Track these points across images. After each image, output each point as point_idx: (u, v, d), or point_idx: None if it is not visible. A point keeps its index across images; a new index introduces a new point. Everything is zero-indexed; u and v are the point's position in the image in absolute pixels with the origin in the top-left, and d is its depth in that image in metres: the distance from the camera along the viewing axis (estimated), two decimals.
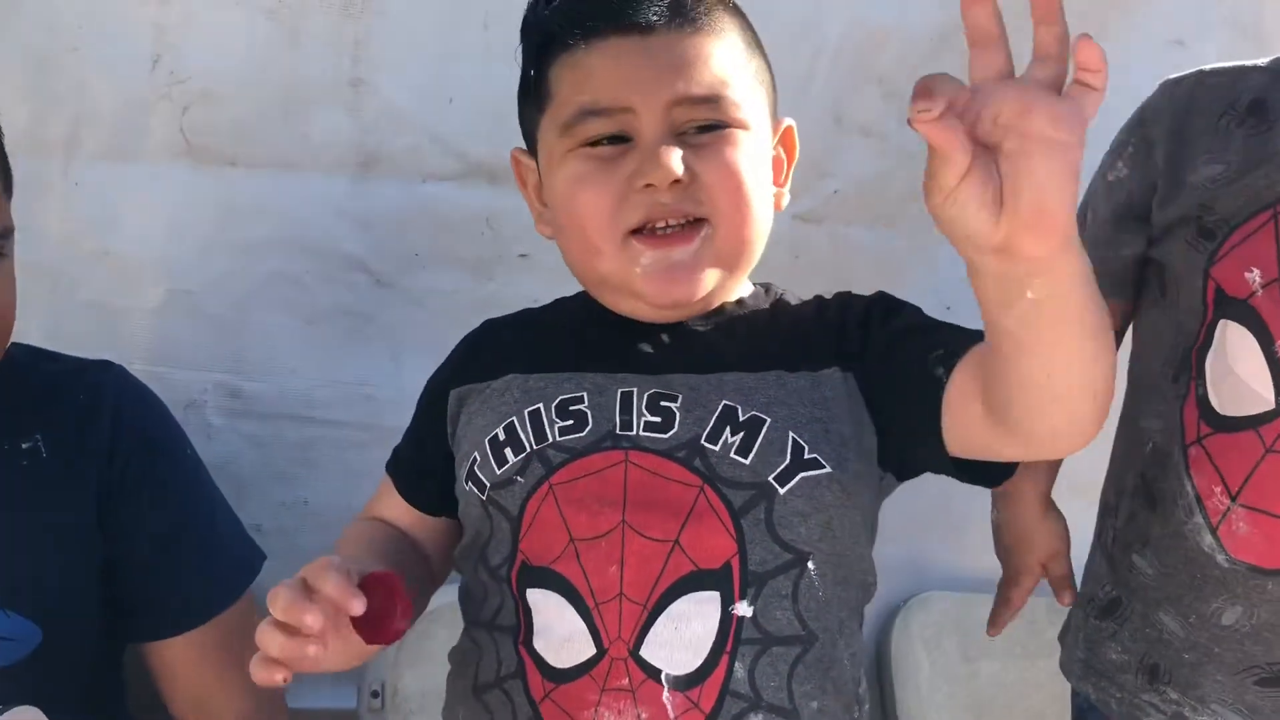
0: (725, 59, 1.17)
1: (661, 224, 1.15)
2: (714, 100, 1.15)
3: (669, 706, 1.10)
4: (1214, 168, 1.26)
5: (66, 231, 1.63)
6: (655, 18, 1.15)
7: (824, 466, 1.13)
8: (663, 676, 1.10)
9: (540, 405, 1.17)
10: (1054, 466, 1.47)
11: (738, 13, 1.21)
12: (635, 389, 1.17)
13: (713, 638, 1.10)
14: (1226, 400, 1.23)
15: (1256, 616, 1.23)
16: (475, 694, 1.17)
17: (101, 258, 1.64)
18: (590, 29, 1.17)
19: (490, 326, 1.31)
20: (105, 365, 1.40)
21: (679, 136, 1.15)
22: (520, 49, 1.22)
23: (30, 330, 1.43)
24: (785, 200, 1.26)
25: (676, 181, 1.13)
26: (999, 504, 1.48)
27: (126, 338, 1.63)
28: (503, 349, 1.25)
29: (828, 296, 1.28)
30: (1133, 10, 1.73)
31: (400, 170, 1.66)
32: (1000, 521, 1.48)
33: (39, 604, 1.29)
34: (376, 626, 1.05)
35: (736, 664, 1.10)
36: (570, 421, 1.16)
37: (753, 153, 1.17)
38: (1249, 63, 1.30)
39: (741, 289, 1.26)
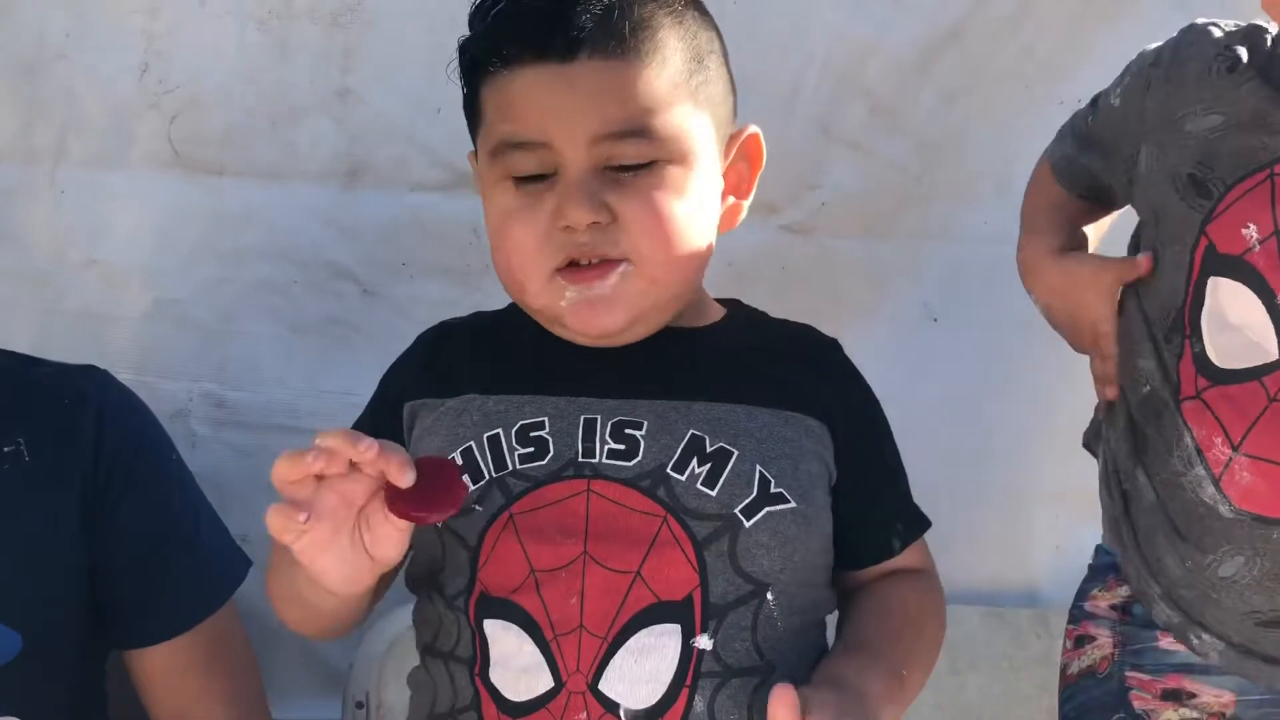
0: (656, 86, 1.12)
1: (584, 260, 1.13)
2: (639, 134, 1.11)
3: None
4: (1211, 118, 1.27)
5: (53, 239, 1.62)
6: (576, 45, 1.10)
7: (789, 501, 1.13)
8: (621, 711, 1.09)
9: (500, 430, 1.15)
10: (1064, 228, 1.45)
11: (682, 21, 1.15)
12: (599, 415, 1.15)
13: (673, 671, 1.09)
14: (1225, 354, 1.24)
15: (1259, 566, 1.23)
16: None
17: (88, 266, 1.64)
18: (509, 57, 1.12)
19: (446, 331, 1.28)
20: (90, 370, 1.40)
21: (605, 170, 1.11)
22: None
23: (17, 338, 1.43)
24: (743, 214, 1.23)
25: (595, 222, 1.10)
26: (1029, 280, 1.46)
27: (113, 346, 1.63)
28: (460, 363, 1.22)
29: (802, 329, 1.27)
30: (1118, 25, 1.74)
31: (388, 180, 1.66)
32: (1039, 299, 1.45)
33: (19, 610, 1.28)
34: (424, 502, 1.00)
35: (696, 697, 1.10)
36: (531, 449, 1.14)
37: (684, 186, 1.13)
38: (1263, 23, 1.30)
39: (707, 311, 1.25)
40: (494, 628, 1.12)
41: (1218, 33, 1.31)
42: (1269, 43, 1.28)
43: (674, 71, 1.13)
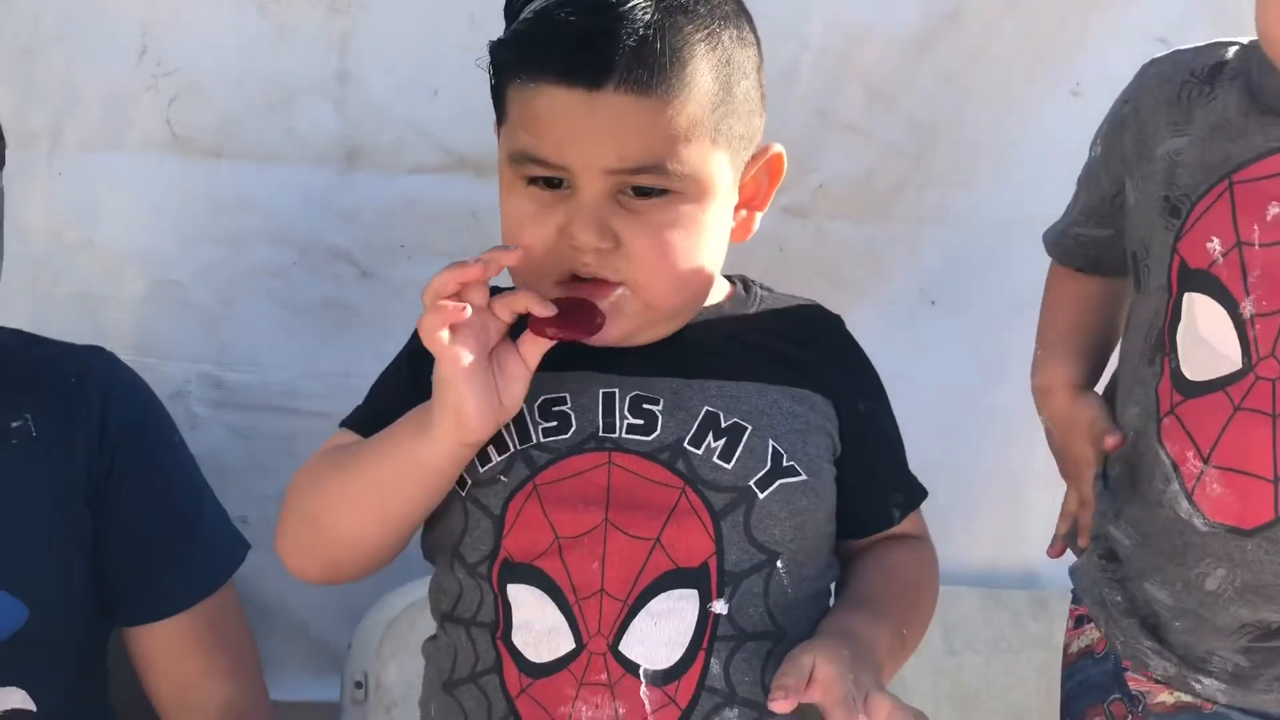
0: (677, 124, 1.11)
1: (585, 276, 1.15)
2: (653, 171, 1.11)
3: (646, 701, 1.11)
4: (1178, 140, 1.28)
5: (50, 222, 1.62)
6: (604, 75, 1.09)
7: (800, 474, 1.17)
8: (641, 671, 1.12)
9: (524, 404, 1.17)
10: (1081, 353, 1.46)
11: (716, 47, 1.13)
12: (616, 390, 1.18)
13: (690, 634, 1.12)
14: (1196, 367, 1.25)
15: (1238, 578, 1.24)
16: (447, 689, 1.18)
17: (86, 248, 1.64)
18: (536, 73, 1.12)
19: None
20: (95, 350, 1.41)
21: (619, 195, 1.12)
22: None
23: (14, 320, 1.43)
24: (756, 224, 1.25)
25: (599, 247, 1.12)
26: (1040, 401, 1.48)
27: (111, 328, 1.63)
28: None
29: (807, 306, 1.29)
30: (1115, 8, 1.74)
31: (385, 163, 1.66)
32: (1046, 421, 1.48)
33: (25, 582, 1.30)
34: (570, 324, 1.11)
35: (712, 660, 1.12)
36: (554, 423, 1.17)
37: (695, 220, 1.14)
38: (1227, 39, 1.32)
39: (718, 287, 1.26)
40: (517, 592, 1.14)
41: (1183, 58, 1.33)
42: (1232, 56, 1.30)
43: (698, 108, 1.12)
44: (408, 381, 1.23)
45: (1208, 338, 1.24)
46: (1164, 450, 1.27)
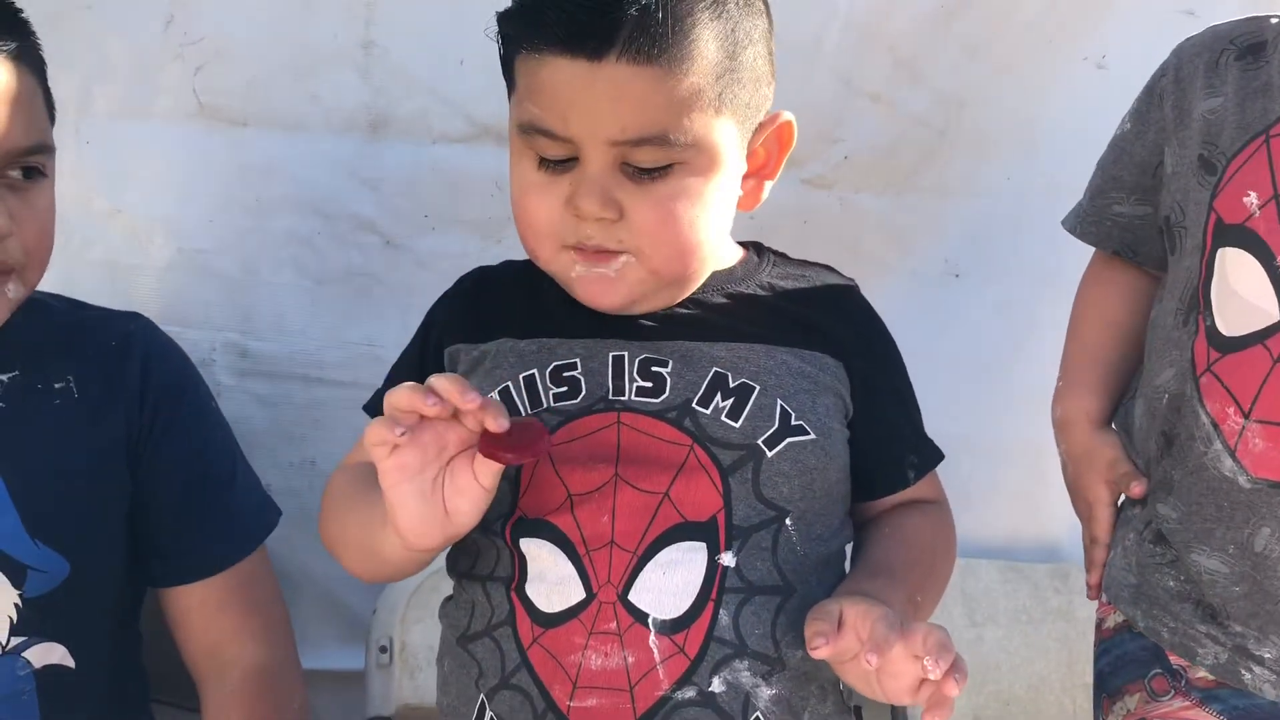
0: (680, 94, 1.10)
1: (590, 245, 1.15)
2: (656, 142, 1.11)
3: (655, 650, 1.13)
4: (1213, 100, 1.28)
5: (78, 190, 1.62)
6: (607, 46, 1.08)
7: (809, 433, 1.18)
8: (650, 620, 1.13)
9: (535, 371, 1.19)
10: (1104, 387, 1.46)
11: (721, 14, 1.12)
12: (626, 353, 1.19)
13: (699, 585, 1.14)
14: (1232, 322, 1.25)
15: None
16: (462, 644, 1.20)
17: (113, 216, 1.65)
18: (540, 44, 1.12)
19: (482, 277, 1.31)
20: (135, 316, 1.44)
21: (623, 166, 1.12)
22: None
23: (42, 287, 1.44)
24: (765, 193, 1.24)
25: (603, 217, 1.12)
26: (1059, 435, 1.48)
27: (137, 296, 1.64)
28: (495, 308, 1.26)
29: (819, 271, 1.30)
30: None
31: (411, 132, 1.67)
32: (1062, 455, 1.48)
33: (68, 537, 1.32)
34: (512, 447, 1.07)
35: (721, 611, 1.14)
36: (565, 388, 1.18)
37: (699, 190, 1.14)
38: (1264, 14, 1.31)
39: (731, 253, 1.26)
40: (529, 545, 1.16)
41: (1221, 31, 1.33)
42: (1273, 29, 1.29)
43: (701, 78, 1.11)
44: (418, 372, 1.24)
45: (1243, 292, 1.23)
46: (1204, 410, 1.26)
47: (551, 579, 1.15)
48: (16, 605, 1.29)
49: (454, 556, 1.24)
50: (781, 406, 1.17)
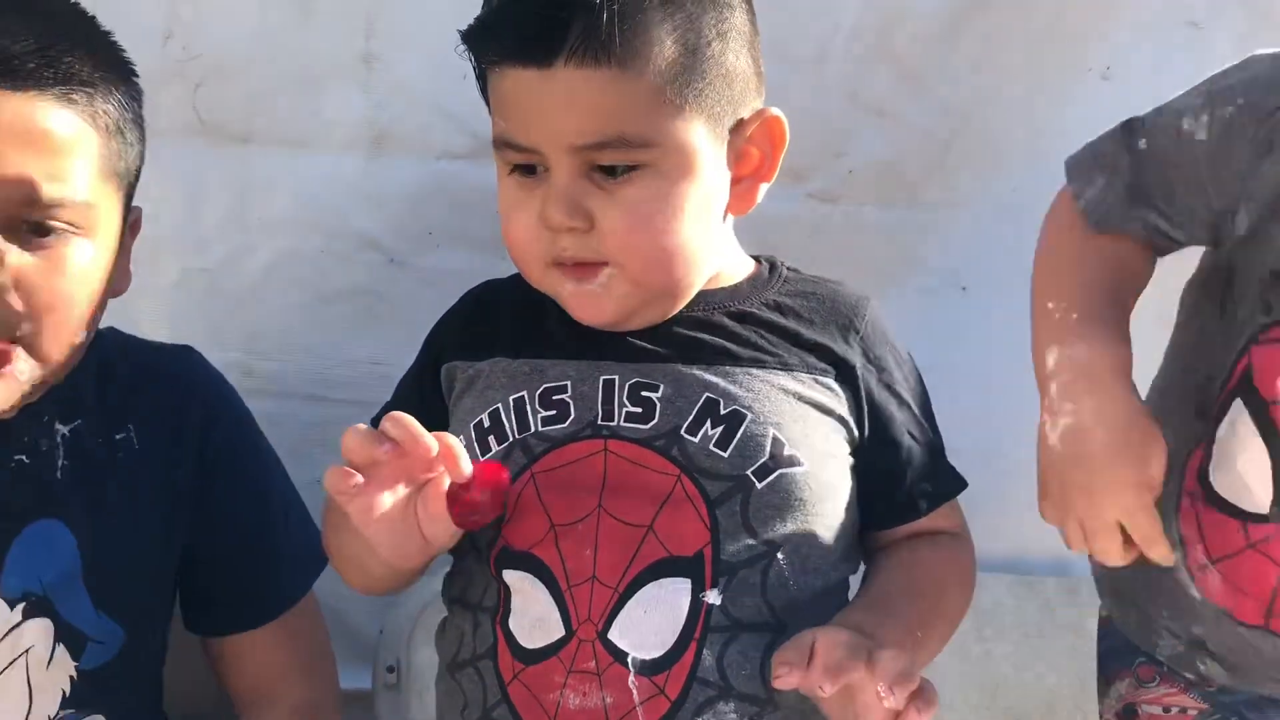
0: (636, 94, 1.09)
1: (566, 258, 1.15)
2: (617, 145, 1.10)
3: (634, 691, 1.10)
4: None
5: None
6: (554, 52, 1.08)
7: (802, 465, 1.14)
8: (629, 660, 1.10)
9: (525, 393, 1.18)
10: (1126, 337, 1.19)
11: (676, 12, 1.11)
12: (617, 377, 1.17)
13: (681, 623, 1.11)
14: (1224, 484, 1.19)
15: (1225, 646, 1.22)
16: (451, 671, 1.19)
17: None
18: (497, 57, 1.13)
19: (486, 291, 1.31)
20: (186, 351, 1.37)
21: (592, 173, 1.11)
22: None
23: None
24: (760, 195, 1.22)
25: (573, 228, 1.12)
26: (1070, 384, 1.19)
27: (141, 315, 1.61)
28: (494, 325, 1.25)
29: (832, 287, 1.27)
30: None
31: (413, 148, 1.65)
32: (1067, 417, 1.19)
33: (129, 606, 1.26)
34: (474, 505, 1.09)
35: (705, 651, 1.10)
36: (553, 411, 1.17)
37: (671, 191, 1.12)
38: None
39: (739, 267, 1.25)
40: (513, 577, 1.14)
41: None
42: None
43: (657, 76, 1.10)
44: (416, 395, 1.26)
45: (1240, 468, 1.17)
46: (1175, 524, 1.21)
47: (532, 614, 1.13)
48: (72, 678, 1.22)
49: (448, 582, 1.23)
50: (774, 435, 1.14)
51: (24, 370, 1.13)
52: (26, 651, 1.19)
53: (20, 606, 1.19)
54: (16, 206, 1.11)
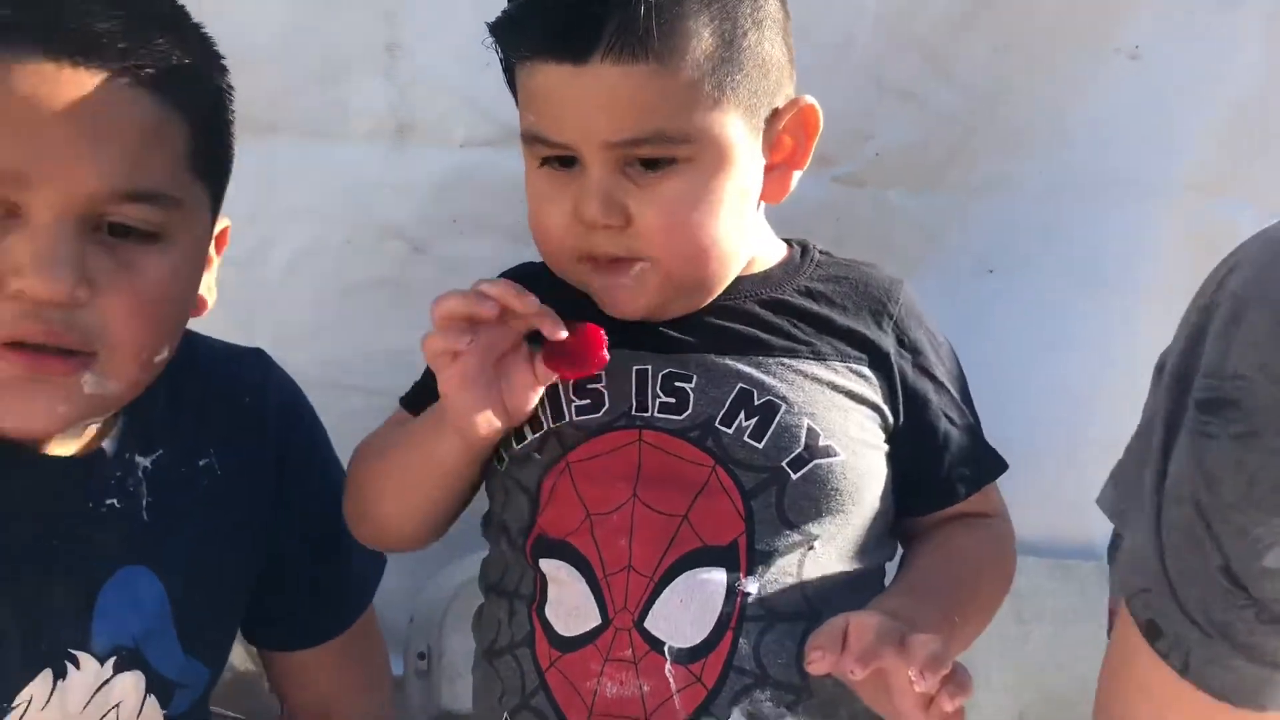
0: (673, 89, 1.08)
1: (600, 254, 1.14)
2: (653, 141, 1.09)
3: (671, 679, 1.10)
4: None
5: None
6: (589, 48, 1.06)
7: (838, 454, 1.14)
8: (665, 649, 1.10)
9: (559, 382, 1.17)
10: None
11: (711, 4, 1.09)
12: (650, 367, 1.16)
13: (717, 612, 1.11)
14: None
15: None
16: (488, 658, 1.19)
17: None
18: (527, 51, 1.11)
19: (524, 275, 1.28)
20: (257, 355, 1.31)
21: (627, 168, 1.10)
22: None
23: None
24: (793, 184, 1.21)
25: (609, 225, 1.11)
26: None
27: None
28: None
29: (865, 270, 1.26)
30: None
31: (437, 136, 1.65)
32: None
33: (213, 643, 1.23)
34: (572, 359, 1.11)
35: (741, 640, 1.10)
36: (587, 401, 1.16)
37: (707, 185, 1.11)
38: None
39: (772, 252, 1.24)
40: (549, 566, 1.14)
41: None
42: None
43: (695, 70, 1.09)
44: None
45: None
46: None
47: (568, 603, 1.13)
48: None
49: (484, 569, 1.23)
50: (809, 426, 1.13)
51: (90, 382, 1.03)
52: (116, 706, 1.15)
53: (111, 661, 1.14)
54: (96, 201, 1.00)
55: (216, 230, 1.17)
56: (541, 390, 1.13)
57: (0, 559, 1.09)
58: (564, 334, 1.09)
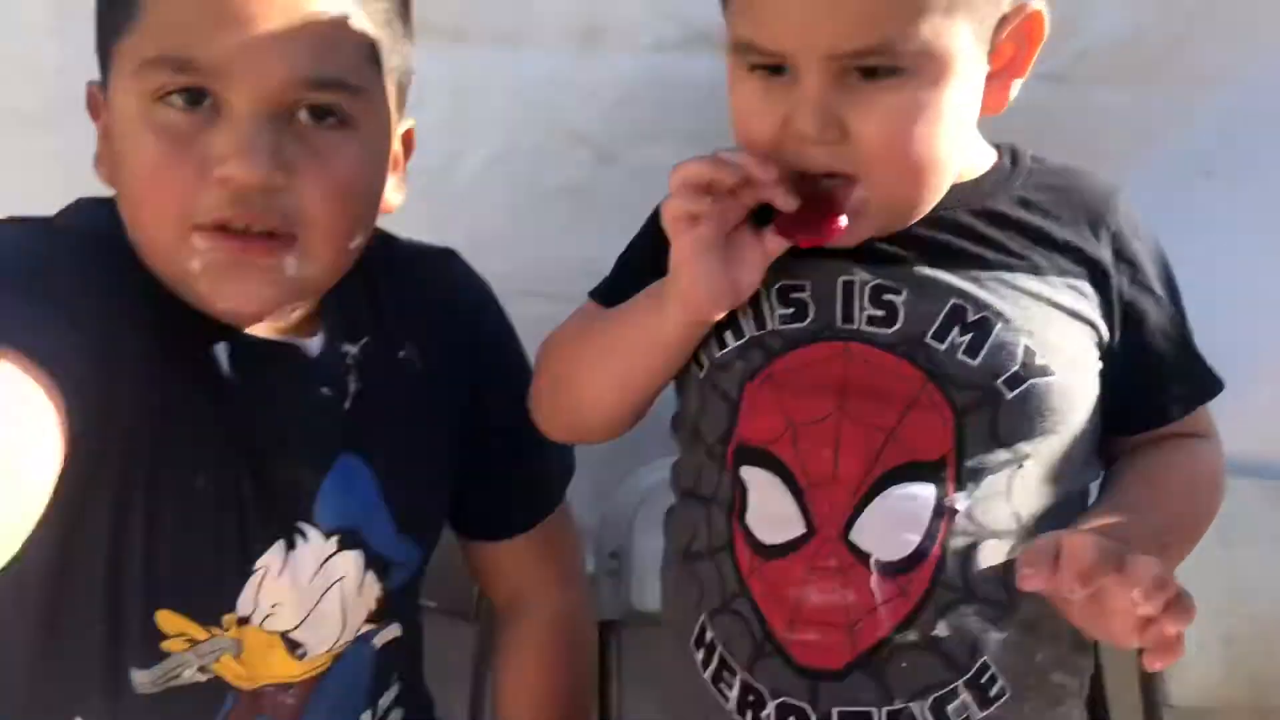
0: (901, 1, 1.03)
1: (815, 169, 1.09)
2: (878, 54, 1.04)
3: (876, 591, 1.09)
4: None
5: None
6: None
7: (1053, 374, 1.10)
8: (871, 561, 1.09)
9: (760, 289, 1.15)
10: None
11: None
12: (857, 278, 1.13)
13: (924, 528, 1.09)
14: None
15: None
16: (686, 561, 1.19)
17: None
18: None
19: None
20: (449, 254, 1.37)
21: (844, 79, 1.05)
22: None
23: None
24: (1013, 93, 1.15)
25: (826, 141, 1.07)
26: None
27: None
28: None
29: (1079, 178, 1.20)
30: None
31: (624, 41, 1.63)
32: None
33: (427, 528, 1.31)
34: (808, 225, 1.09)
35: (949, 555, 1.09)
36: (791, 309, 1.14)
37: (931, 103, 1.05)
38: None
39: (982, 159, 1.19)
40: (751, 474, 1.14)
41: None
42: None
43: None
44: (650, 257, 1.22)
45: None
46: None
47: (771, 512, 1.12)
48: (379, 599, 1.27)
49: (676, 473, 1.24)
50: (1025, 344, 1.10)
51: (291, 265, 1.09)
52: (340, 580, 1.23)
53: (334, 539, 1.22)
54: (288, 89, 1.05)
55: (401, 129, 1.22)
56: (766, 266, 1.12)
57: (242, 435, 1.16)
58: (797, 204, 1.07)
